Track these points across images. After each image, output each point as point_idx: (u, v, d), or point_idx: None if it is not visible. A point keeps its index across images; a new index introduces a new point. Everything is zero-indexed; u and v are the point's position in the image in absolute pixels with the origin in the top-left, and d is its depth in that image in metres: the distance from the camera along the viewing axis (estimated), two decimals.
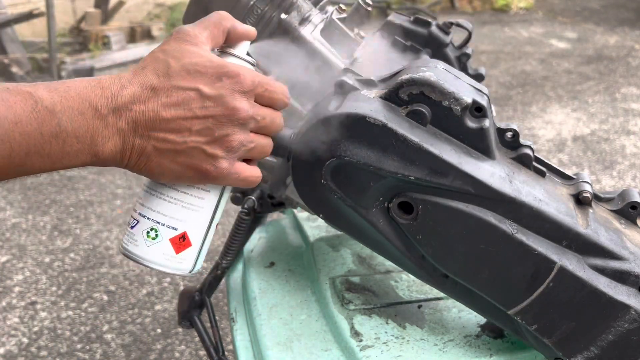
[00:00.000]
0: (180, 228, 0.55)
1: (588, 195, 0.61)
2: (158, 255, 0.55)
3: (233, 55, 0.55)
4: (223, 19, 0.54)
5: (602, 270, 0.58)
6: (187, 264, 0.57)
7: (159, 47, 0.51)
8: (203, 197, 0.55)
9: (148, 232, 0.55)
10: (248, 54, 0.57)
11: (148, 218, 0.55)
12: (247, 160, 0.55)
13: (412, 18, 0.89)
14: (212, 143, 0.51)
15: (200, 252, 0.57)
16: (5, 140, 0.43)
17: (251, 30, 0.56)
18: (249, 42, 0.57)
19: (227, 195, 0.58)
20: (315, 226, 0.97)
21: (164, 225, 0.55)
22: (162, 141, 0.49)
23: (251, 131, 0.53)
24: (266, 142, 0.55)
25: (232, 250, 0.91)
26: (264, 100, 0.53)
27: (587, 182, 0.64)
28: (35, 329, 1.94)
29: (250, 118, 0.51)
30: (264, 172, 0.85)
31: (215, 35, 0.53)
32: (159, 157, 0.50)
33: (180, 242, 0.55)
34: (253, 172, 0.55)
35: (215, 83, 0.50)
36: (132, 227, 0.56)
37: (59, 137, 0.45)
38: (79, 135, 0.46)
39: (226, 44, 0.55)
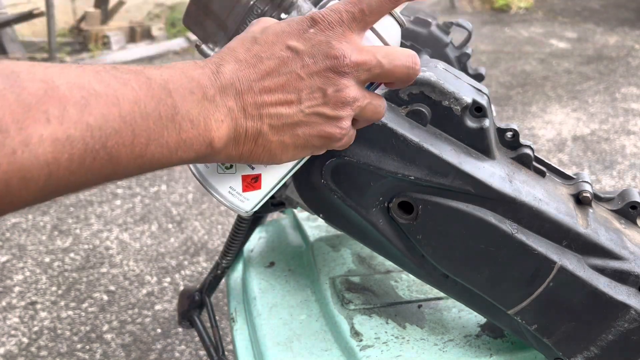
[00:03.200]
0: (257, 170, 0.52)
1: (588, 195, 0.61)
2: (224, 186, 0.52)
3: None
4: None
5: (602, 270, 0.58)
6: (248, 205, 0.53)
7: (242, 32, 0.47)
8: None
9: None
10: None
11: None
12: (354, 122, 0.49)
13: (412, 18, 0.89)
14: (328, 103, 0.45)
15: (265, 197, 0.54)
16: (128, 123, 0.37)
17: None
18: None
19: None
20: (315, 226, 0.97)
21: None
22: (276, 117, 0.44)
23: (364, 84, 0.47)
24: (380, 101, 0.49)
25: (232, 250, 0.91)
26: None
27: (587, 182, 0.64)
28: (35, 329, 1.94)
29: (356, 65, 0.45)
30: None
31: None
32: (278, 135, 0.45)
33: (252, 182, 0.52)
34: (377, 112, 0.49)
35: (304, 35, 0.44)
36: None
37: (175, 120, 0.40)
38: (193, 118, 0.41)
39: None
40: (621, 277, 0.58)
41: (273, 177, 0.53)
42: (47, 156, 0.34)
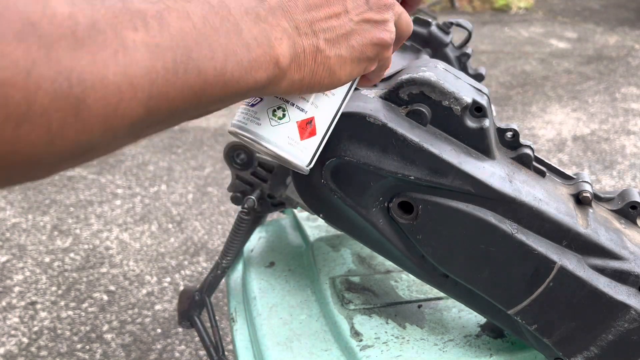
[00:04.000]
0: (310, 112, 0.50)
1: (588, 195, 0.61)
2: (282, 137, 0.49)
3: None
4: None
5: (602, 270, 0.58)
6: (307, 155, 0.51)
7: None
8: None
9: (275, 111, 0.49)
10: None
11: (276, 95, 0.49)
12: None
13: (412, 18, 0.89)
14: (372, 8, 0.48)
15: (320, 146, 0.52)
16: (204, 37, 0.37)
17: None
18: None
19: (357, 79, 0.53)
20: (315, 226, 0.97)
21: (293, 105, 0.49)
22: (329, 30, 0.46)
23: None
24: (408, 15, 0.53)
25: (232, 250, 0.91)
26: None
27: (587, 182, 0.64)
28: (35, 329, 1.94)
29: None
30: (263, 172, 0.85)
31: None
32: (334, 48, 0.46)
33: (307, 127, 0.50)
34: (409, 24, 0.53)
35: None
36: (252, 105, 0.50)
37: (241, 37, 0.40)
38: (256, 36, 0.41)
39: None
40: (621, 277, 0.58)
41: (325, 117, 0.51)
42: (145, 62, 0.33)
